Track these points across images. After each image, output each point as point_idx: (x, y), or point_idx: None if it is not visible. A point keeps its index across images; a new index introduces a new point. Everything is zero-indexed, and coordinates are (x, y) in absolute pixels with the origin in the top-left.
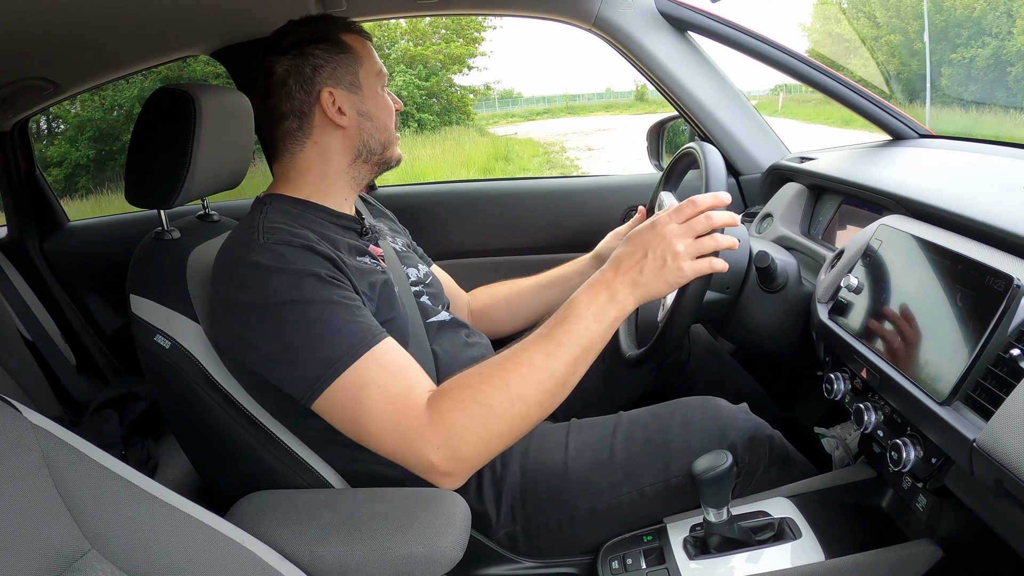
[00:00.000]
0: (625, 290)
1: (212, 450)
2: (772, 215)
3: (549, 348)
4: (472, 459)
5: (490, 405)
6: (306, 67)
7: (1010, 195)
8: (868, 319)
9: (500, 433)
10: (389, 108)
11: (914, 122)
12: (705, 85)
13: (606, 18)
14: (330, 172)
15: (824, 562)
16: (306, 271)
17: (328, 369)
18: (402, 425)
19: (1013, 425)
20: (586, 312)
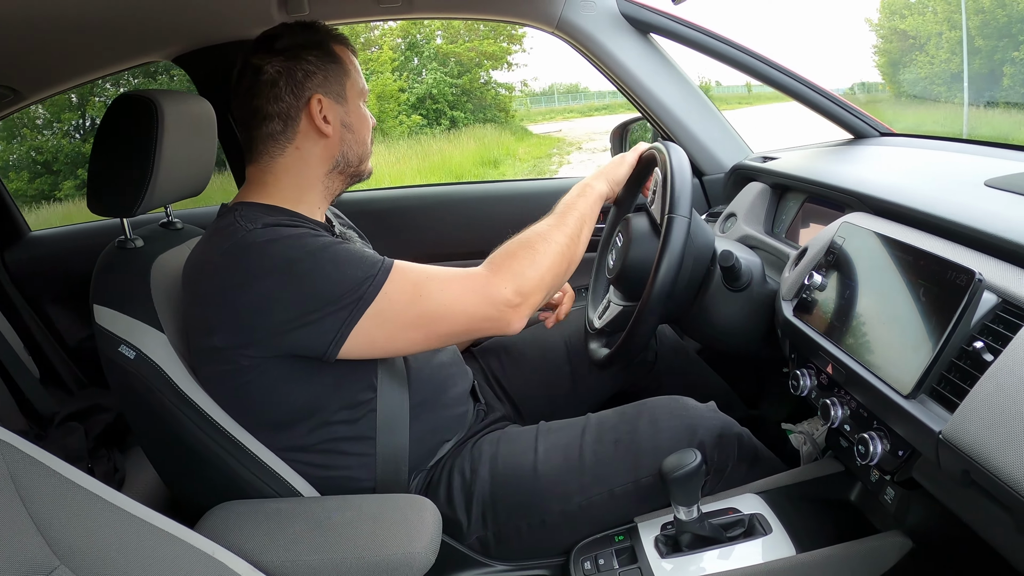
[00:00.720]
0: (595, 179)
1: (179, 461)
2: (736, 214)
3: (560, 214)
4: (534, 292)
5: (535, 247)
6: (298, 71)
7: (970, 191)
8: (832, 315)
9: (548, 267)
10: (368, 123)
11: (875, 120)
12: (668, 86)
13: (569, 21)
14: (306, 180)
15: (795, 556)
16: (300, 234)
17: (369, 288)
18: (471, 285)
19: (978, 416)
20: (572, 197)
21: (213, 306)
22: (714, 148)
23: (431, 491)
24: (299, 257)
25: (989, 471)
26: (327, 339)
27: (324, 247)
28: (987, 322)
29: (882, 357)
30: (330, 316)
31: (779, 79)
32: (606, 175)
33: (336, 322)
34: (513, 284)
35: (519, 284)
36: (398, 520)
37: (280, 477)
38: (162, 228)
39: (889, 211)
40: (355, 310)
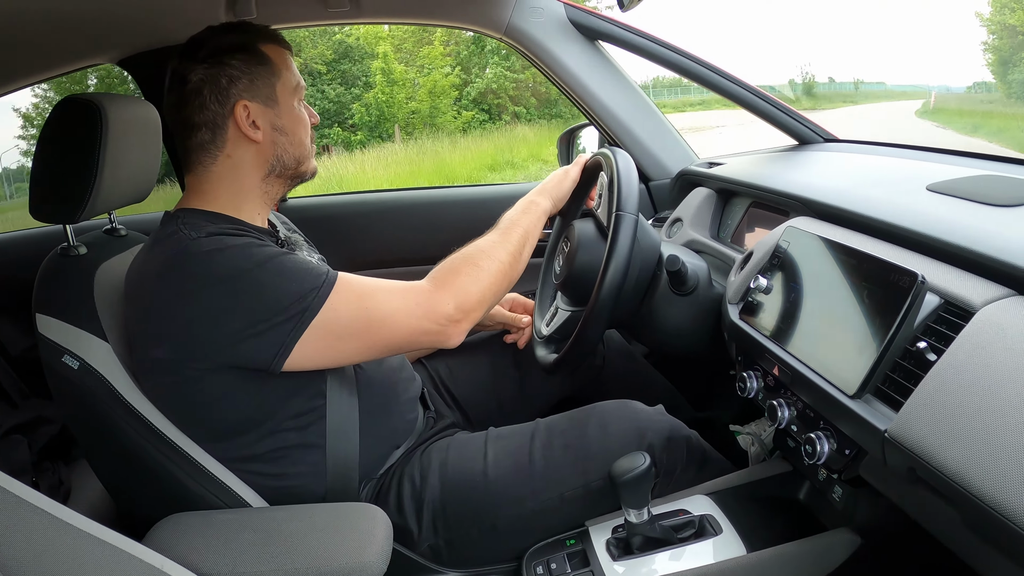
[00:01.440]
0: (539, 195)
1: (126, 473)
2: (682, 219)
3: (503, 230)
4: (476, 307)
5: (477, 264)
6: (222, 78)
7: (912, 195)
8: (778, 318)
9: (489, 284)
10: (304, 122)
11: (818, 126)
12: (615, 93)
13: (517, 27)
14: (243, 186)
15: (746, 556)
16: (245, 244)
17: (313, 300)
18: (413, 299)
19: (922, 414)
20: (516, 213)
21: (156, 317)
22: (660, 154)
23: (381, 499)
24: (244, 268)
25: (934, 468)
26: (272, 351)
27: (269, 258)
28: (930, 323)
29: (827, 358)
30: (275, 328)
31: (723, 85)
32: (550, 192)
33: (281, 334)
34: (455, 300)
35: (461, 301)
36: (349, 529)
37: (228, 488)
38: (106, 235)
39: (833, 215)
40: (300, 322)
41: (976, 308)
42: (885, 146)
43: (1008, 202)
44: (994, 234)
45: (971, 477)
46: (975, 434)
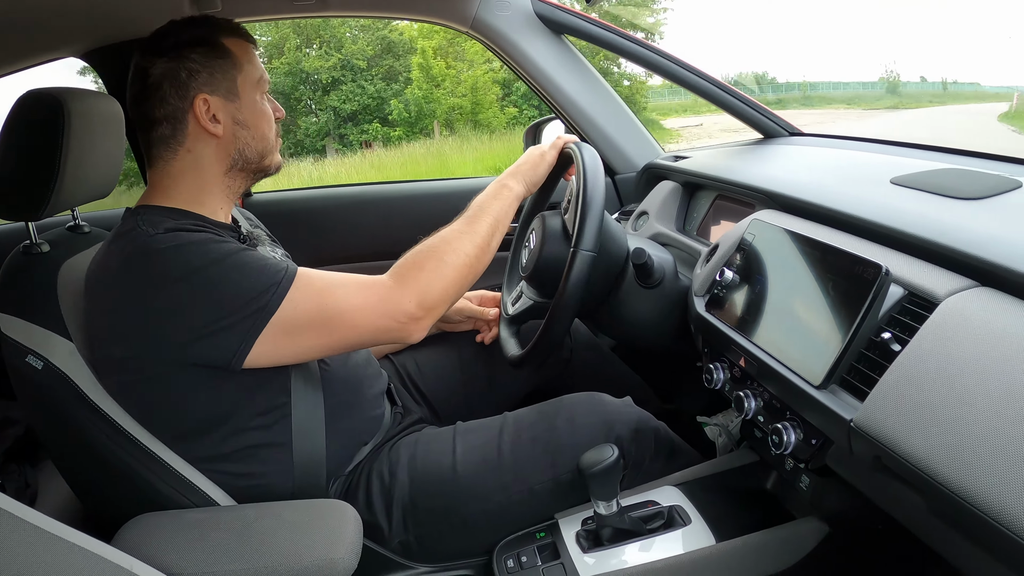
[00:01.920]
0: (510, 179)
1: (92, 474)
2: (648, 213)
3: (471, 218)
4: (438, 304)
5: (442, 259)
6: (182, 72)
7: (876, 188)
8: (744, 310)
9: (453, 279)
10: (268, 116)
11: (784, 120)
12: (581, 87)
13: (483, 21)
14: (204, 181)
15: (715, 545)
16: (203, 240)
17: (272, 296)
18: (375, 296)
19: (887, 404)
20: (487, 198)
21: (114, 314)
22: (626, 147)
23: (350, 496)
24: (202, 265)
25: (900, 456)
26: (231, 349)
27: (228, 254)
28: (894, 314)
29: (793, 350)
30: (234, 325)
31: (688, 78)
32: (524, 175)
33: (240, 331)
34: (416, 298)
35: (422, 298)
36: (319, 526)
37: (196, 487)
38: (69, 232)
39: (798, 208)
40: (259, 319)
41: (940, 299)
42: (849, 140)
43: (971, 195)
44: (957, 226)
45: (936, 464)
46: (939, 422)
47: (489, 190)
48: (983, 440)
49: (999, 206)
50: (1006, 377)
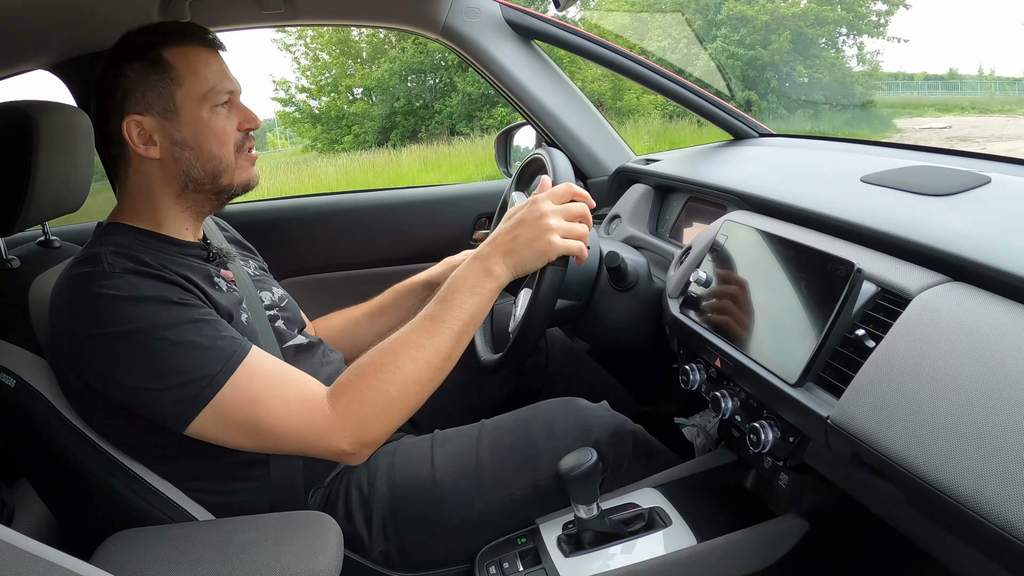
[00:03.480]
0: (498, 260)
1: (70, 492)
2: (620, 216)
3: (433, 328)
4: (378, 439)
5: (386, 391)
6: (118, 90)
7: (847, 187)
8: (718, 310)
9: (399, 412)
10: (219, 131)
11: (754, 122)
12: (551, 92)
13: (452, 28)
14: (158, 202)
15: (697, 546)
16: (159, 297)
17: (204, 388)
18: (308, 423)
19: (863, 400)
20: (464, 287)
21: (67, 345)
22: (597, 151)
23: (329, 507)
24: (144, 328)
25: (877, 451)
26: (172, 417)
27: (173, 324)
28: (868, 310)
29: (768, 349)
30: (171, 396)
31: (659, 82)
32: (516, 263)
33: (178, 404)
34: (352, 434)
35: (359, 435)
36: (299, 538)
37: (175, 504)
38: (40, 247)
39: (769, 208)
40: (194, 401)
41: (912, 295)
42: (819, 139)
43: (940, 191)
44: (927, 223)
45: (913, 458)
46: (915, 416)
47: (463, 274)
48: (958, 432)
49: (969, 202)
50: (978, 369)
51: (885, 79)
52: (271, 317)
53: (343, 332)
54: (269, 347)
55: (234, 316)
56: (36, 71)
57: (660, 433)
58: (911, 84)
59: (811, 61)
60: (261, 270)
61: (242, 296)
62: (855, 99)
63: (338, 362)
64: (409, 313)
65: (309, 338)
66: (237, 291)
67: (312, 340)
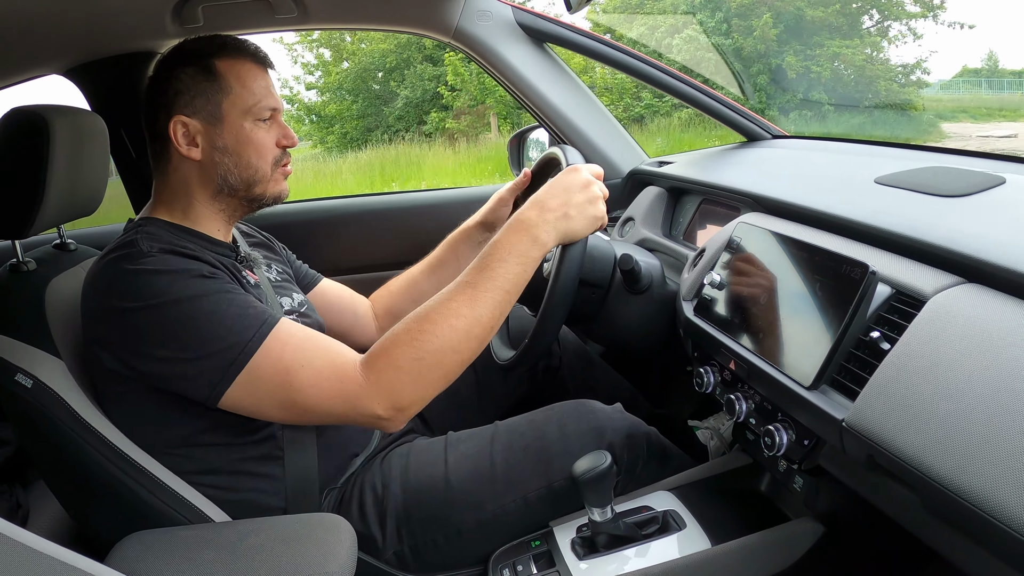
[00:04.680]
0: (548, 228)
1: (85, 493)
2: (634, 218)
3: (475, 296)
4: (414, 405)
5: (423, 359)
6: (169, 90)
7: (861, 188)
8: (732, 313)
9: (436, 379)
10: (258, 144)
11: (767, 123)
12: (564, 95)
13: (465, 31)
14: (194, 201)
15: (711, 549)
16: (191, 271)
17: (238, 355)
18: (343, 391)
19: (878, 402)
20: (508, 256)
21: (102, 324)
22: (611, 154)
23: (344, 509)
24: (177, 298)
25: (892, 454)
26: (204, 389)
27: (206, 293)
28: (883, 312)
29: (783, 351)
30: (204, 366)
31: (671, 84)
32: (566, 229)
33: (211, 374)
34: (388, 401)
35: (395, 400)
36: (312, 540)
37: (188, 503)
38: (56, 250)
39: (783, 210)
40: (229, 369)
41: (927, 297)
42: (833, 141)
43: (954, 192)
44: (942, 224)
45: (929, 461)
46: (931, 419)
47: (507, 240)
48: (974, 435)
49: (983, 203)
50: (994, 372)
51: (917, 75)
52: None
53: (404, 293)
54: None
55: None
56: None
57: (674, 436)
58: (975, 80)
59: (813, 51)
60: (284, 274)
61: (265, 296)
62: (880, 97)
63: None
64: (467, 261)
65: None
66: (262, 292)
67: None
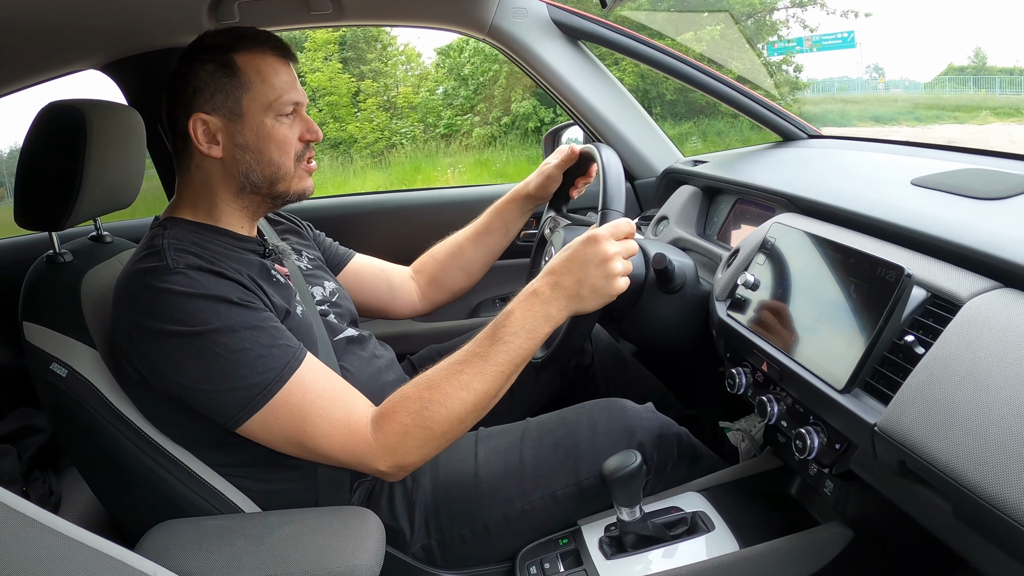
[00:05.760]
0: (560, 305)
1: (116, 481)
2: (668, 217)
3: (484, 369)
4: (416, 464)
5: (430, 428)
6: (188, 87)
7: (897, 190)
8: (766, 314)
9: (440, 445)
10: (281, 139)
11: (803, 123)
12: (599, 92)
13: (500, 28)
14: (217, 198)
15: (738, 551)
16: (220, 296)
17: (257, 396)
18: (352, 445)
19: (912, 408)
20: (520, 330)
21: (128, 337)
22: (645, 152)
23: (373, 502)
24: (205, 330)
25: (924, 460)
26: (220, 419)
27: (232, 328)
28: (917, 316)
29: (816, 353)
30: (222, 401)
31: (707, 82)
32: (578, 307)
33: (231, 405)
34: (392, 460)
35: (398, 460)
36: (341, 533)
37: (220, 493)
38: (92, 242)
39: (818, 211)
40: (244, 409)
41: (963, 301)
42: (869, 141)
43: (992, 195)
44: (979, 227)
45: (961, 469)
46: (964, 426)
47: (527, 315)
48: (1008, 443)
49: (1021, 206)
50: None
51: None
52: (322, 312)
53: (449, 260)
54: (321, 340)
55: (290, 311)
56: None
57: (704, 437)
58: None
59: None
60: (316, 261)
61: (296, 290)
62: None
63: (387, 359)
64: (515, 229)
65: (360, 331)
66: (292, 285)
67: (363, 333)
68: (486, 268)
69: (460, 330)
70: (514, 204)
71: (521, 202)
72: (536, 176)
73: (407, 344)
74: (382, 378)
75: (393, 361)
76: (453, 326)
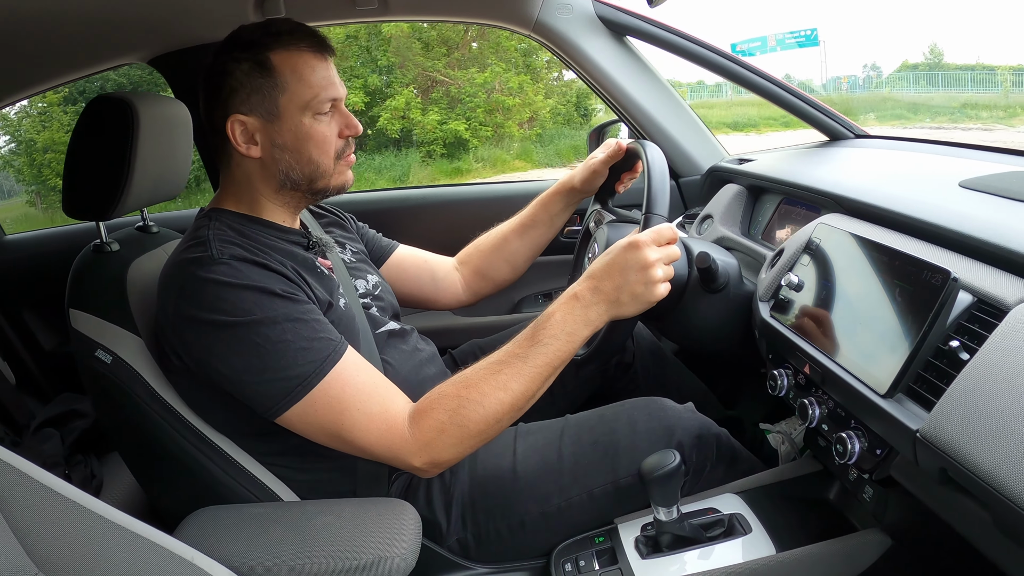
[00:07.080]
0: (600, 310)
1: (157, 466)
2: (712, 216)
3: (523, 370)
4: (451, 461)
5: (467, 425)
6: (224, 87)
7: (944, 192)
8: (809, 315)
9: (475, 443)
10: (320, 138)
11: (850, 122)
12: (644, 89)
13: (545, 24)
14: (258, 194)
15: (775, 555)
16: (263, 287)
17: (296, 387)
18: (388, 440)
19: (955, 414)
20: (560, 333)
21: (173, 327)
22: (690, 150)
23: (411, 494)
24: (249, 321)
25: (966, 468)
26: (260, 409)
27: (275, 320)
28: (963, 321)
29: (859, 357)
30: (263, 392)
31: (754, 80)
32: (617, 312)
33: (272, 395)
34: (427, 456)
35: (433, 457)
36: (378, 524)
37: (260, 482)
38: (138, 232)
39: (865, 212)
40: (284, 400)
41: (1009, 307)
42: (917, 142)
43: None
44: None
45: (1004, 479)
46: (1008, 435)
47: (561, 317)
48: None
49: None
50: None
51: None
52: (365, 305)
53: (494, 252)
54: (364, 333)
55: (333, 303)
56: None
57: (744, 438)
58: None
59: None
60: (359, 254)
61: (339, 283)
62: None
63: (428, 353)
64: (560, 222)
65: (402, 325)
66: (335, 277)
67: (404, 327)
68: (530, 261)
69: (502, 325)
70: (559, 196)
71: (566, 195)
72: (582, 170)
73: (449, 338)
74: (423, 372)
75: (435, 355)
76: (495, 321)
